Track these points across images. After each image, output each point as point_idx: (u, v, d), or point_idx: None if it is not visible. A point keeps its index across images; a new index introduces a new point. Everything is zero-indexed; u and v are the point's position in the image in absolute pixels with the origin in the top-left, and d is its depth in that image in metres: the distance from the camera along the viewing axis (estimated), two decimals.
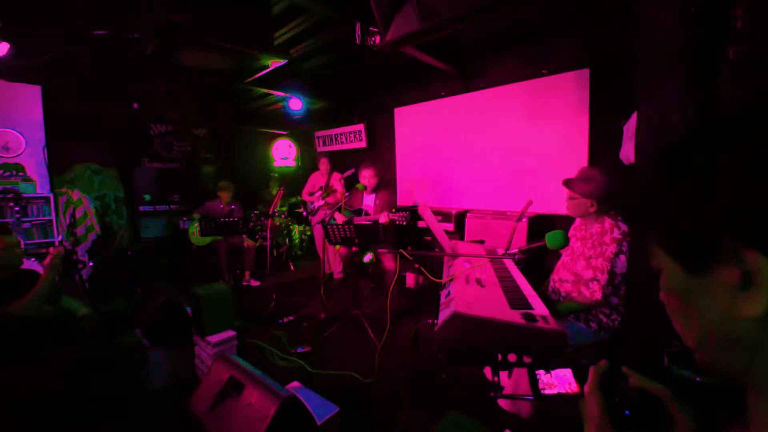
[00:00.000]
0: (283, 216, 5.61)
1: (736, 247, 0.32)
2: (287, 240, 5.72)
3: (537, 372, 0.71)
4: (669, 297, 0.41)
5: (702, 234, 0.35)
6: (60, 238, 4.01)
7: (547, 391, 0.68)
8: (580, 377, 0.65)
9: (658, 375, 0.57)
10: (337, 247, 3.87)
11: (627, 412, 0.53)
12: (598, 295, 1.66)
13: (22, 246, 2.10)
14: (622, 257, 1.68)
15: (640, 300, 1.62)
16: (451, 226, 4.03)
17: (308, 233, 5.95)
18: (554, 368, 0.70)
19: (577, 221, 1.98)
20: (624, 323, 1.72)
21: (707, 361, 0.39)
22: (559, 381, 0.69)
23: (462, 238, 3.86)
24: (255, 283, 4.53)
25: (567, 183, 1.88)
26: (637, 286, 1.67)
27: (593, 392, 0.55)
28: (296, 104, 5.09)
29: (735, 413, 0.39)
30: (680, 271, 0.38)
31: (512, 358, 1.32)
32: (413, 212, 3.28)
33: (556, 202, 1.98)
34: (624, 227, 1.74)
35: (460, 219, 4.02)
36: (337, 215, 3.67)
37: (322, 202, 4.23)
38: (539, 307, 1.49)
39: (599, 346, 1.74)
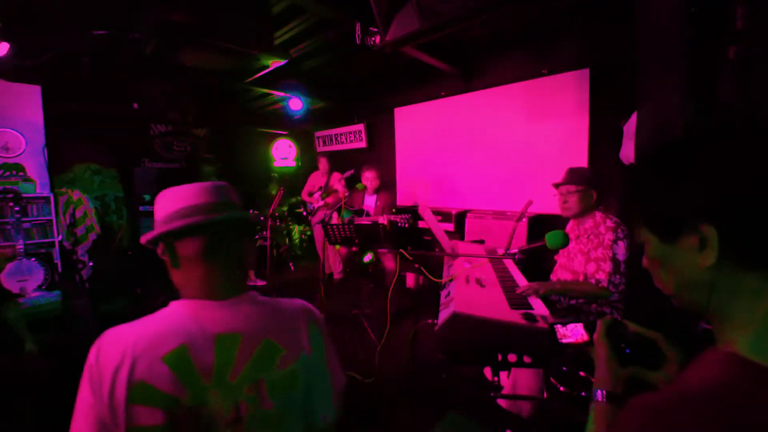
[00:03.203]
0: (285, 215, 5.61)
1: (696, 223, 0.47)
2: (287, 240, 5.72)
3: (555, 326, 0.86)
4: (651, 262, 0.57)
5: (673, 215, 0.51)
6: (60, 238, 4.01)
7: (564, 341, 0.84)
8: (590, 330, 0.81)
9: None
10: (337, 247, 3.88)
11: (628, 350, 0.70)
12: (604, 284, 1.66)
13: None
14: (621, 243, 1.68)
15: (638, 296, 1.62)
16: (451, 226, 4.03)
17: (308, 233, 5.94)
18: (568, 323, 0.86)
19: (570, 223, 1.98)
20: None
21: (682, 302, 0.55)
22: (572, 333, 0.84)
23: (462, 238, 3.86)
24: (261, 282, 4.52)
25: (563, 183, 1.88)
26: (634, 281, 1.67)
27: (601, 339, 0.73)
28: (296, 104, 5.09)
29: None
30: (658, 241, 0.54)
31: (512, 358, 1.32)
32: (414, 213, 3.28)
33: (556, 202, 1.98)
34: (615, 218, 1.76)
35: (460, 219, 4.02)
36: (334, 216, 3.67)
37: (321, 203, 4.23)
38: (539, 307, 1.49)
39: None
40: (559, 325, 0.86)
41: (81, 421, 0.65)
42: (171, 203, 0.78)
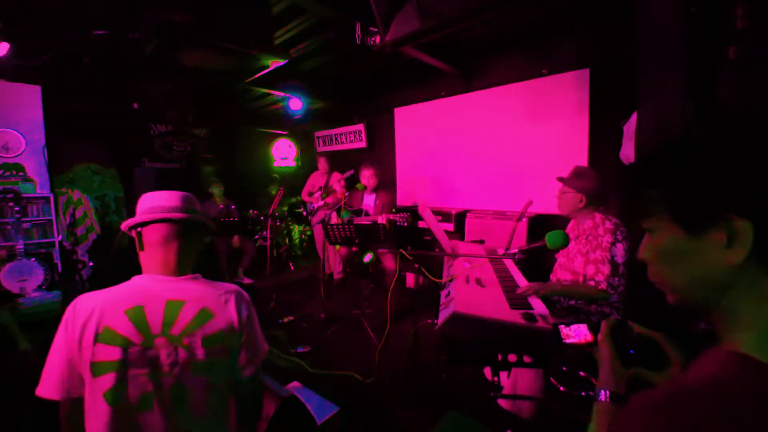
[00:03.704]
0: (285, 215, 5.61)
1: (730, 217, 0.44)
2: (287, 240, 5.72)
3: (559, 326, 0.86)
4: (660, 254, 0.54)
5: (707, 205, 0.47)
6: (60, 238, 4.01)
7: (568, 341, 0.83)
8: (594, 330, 0.80)
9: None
10: (337, 247, 3.87)
11: (631, 351, 0.71)
12: (603, 286, 1.66)
13: None
14: (620, 245, 1.68)
15: (638, 294, 1.62)
16: (451, 226, 4.03)
17: (308, 233, 5.94)
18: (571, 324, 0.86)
19: (571, 222, 1.99)
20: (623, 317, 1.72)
21: (687, 299, 0.53)
22: (576, 334, 0.84)
23: (462, 238, 3.86)
24: (247, 281, 4.53)
25: (561, 179, 1.91)
26: (634, 280, 1.67)
27: (605, 339, 0.73)
28: (296, 104, 5.08)
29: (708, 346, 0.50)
30: (681, 233, 0.50)
31: (512, 358, 1.32)
32: (414, 212, 3.27)
33: (556, 202, 1.98)
34: (614, 219, 1.76)
35: (460, 219, 4.02)
36: (333, 216, 3.66)
37: (321, 203, 4.23)
38: (539, 307, 1.49)
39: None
40: (562, 326, 0.85)
41: (53, 359, 0.89)
42: (146, 202, 1.04)
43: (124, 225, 1.04)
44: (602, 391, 0.68)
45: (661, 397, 0.44)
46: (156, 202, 1.03)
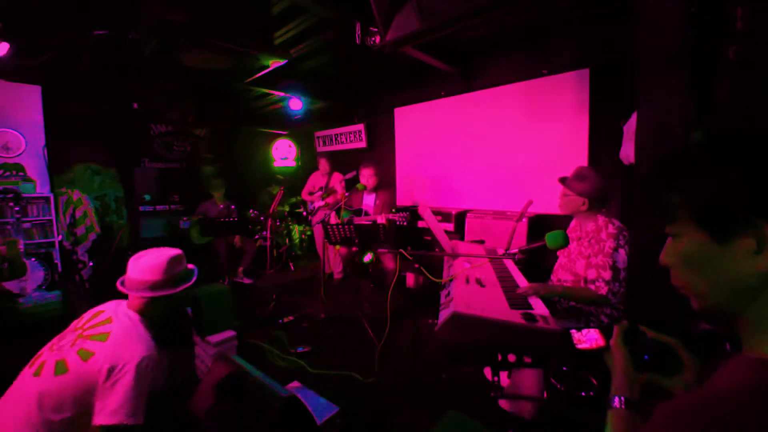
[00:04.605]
0: (285, 215, 5.61)
1: (759, 223, 0.44)
2: (287, 240, 5.72)
3: (570, 331, 0.84)
4: (684, 260, 0.53)
5: (735, 212, 0.46)
6: (60, 238, 4.01)
7: (579, 346, 0.82)
8: (606, 335, 0.79)
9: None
10: (337, 247, 3.88)
11: (646, 357, 0.69)
12: (603, 291, 1.66)
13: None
14: (621, 251, 1.68)
15: (638, 295, 1.62)
16: (451, 226, 4.03)
17: (308, 233, 5.94)
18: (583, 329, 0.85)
19: (573, 222, 1.99)
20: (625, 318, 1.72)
21: (711, 305, 0.51)
22: (587, 338, 0.82)
23: (462, 238, 3.86)
24: (247, 281, 4.53)
25: (563, 180, 1.90)
26: (635, 281, 1.67)
27: (618, 344, 0.72)
28: (296, 104, 5.08)
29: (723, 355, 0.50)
30: (707, 240, 0.49)
31: (512, 358, 1.32)
32: (413, 212, 3.27)
33: (556, 202, 1.98)
34: (618, 223, 1.75)
35: (460, 219, 4.02)
36: (332, 216, 3.66)
37: (322, 203, 4.23)
38: (539, 307, 1.49)
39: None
40: (574, 330, 0.84)
41: None
42: (130, 270, 1.29)
43: (118, 283, 1.30)
44: (616, 398, 0.66)
45: (689, 405, 0.44)
46: (135, 275, 1.27)
